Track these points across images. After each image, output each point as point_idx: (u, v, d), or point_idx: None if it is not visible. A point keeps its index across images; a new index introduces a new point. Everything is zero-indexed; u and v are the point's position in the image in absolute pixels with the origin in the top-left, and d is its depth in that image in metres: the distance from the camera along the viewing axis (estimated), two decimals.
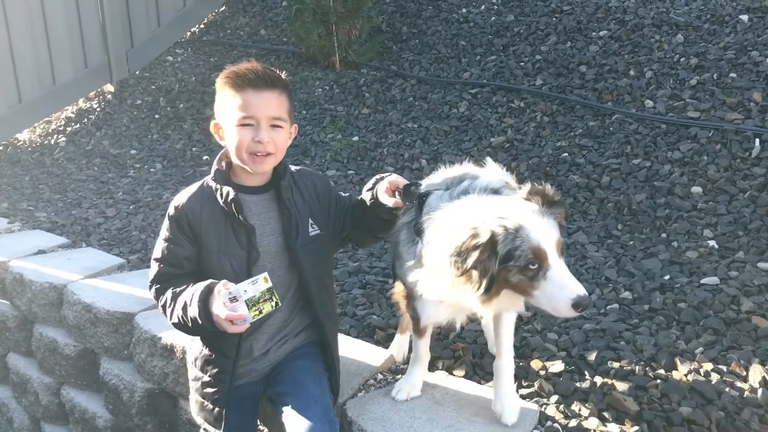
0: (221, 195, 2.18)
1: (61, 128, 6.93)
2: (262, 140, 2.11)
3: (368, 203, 2.26)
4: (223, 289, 2.01)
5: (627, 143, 4.51)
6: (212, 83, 7.33)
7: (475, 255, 1.81)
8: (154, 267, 2.25)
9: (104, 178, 5.69)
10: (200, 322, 2.03)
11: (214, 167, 2.26)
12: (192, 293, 2.07)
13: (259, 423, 2.63)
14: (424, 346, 2.41)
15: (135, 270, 3.81)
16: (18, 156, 6.43)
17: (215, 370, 2.25)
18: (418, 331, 2.37)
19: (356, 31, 6.81)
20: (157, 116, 6.80)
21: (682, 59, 5.09)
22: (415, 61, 6.42)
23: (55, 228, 4.58)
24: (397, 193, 2.17)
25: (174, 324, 2.18)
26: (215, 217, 2.20)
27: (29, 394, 3.72)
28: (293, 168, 2.39)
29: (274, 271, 2.21)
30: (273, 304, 2.05)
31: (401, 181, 2.20)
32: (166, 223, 2.24)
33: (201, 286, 2.06)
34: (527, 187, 1.95)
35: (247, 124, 2.12)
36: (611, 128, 4.74)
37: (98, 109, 7.11)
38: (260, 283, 2.03)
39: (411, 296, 2.24)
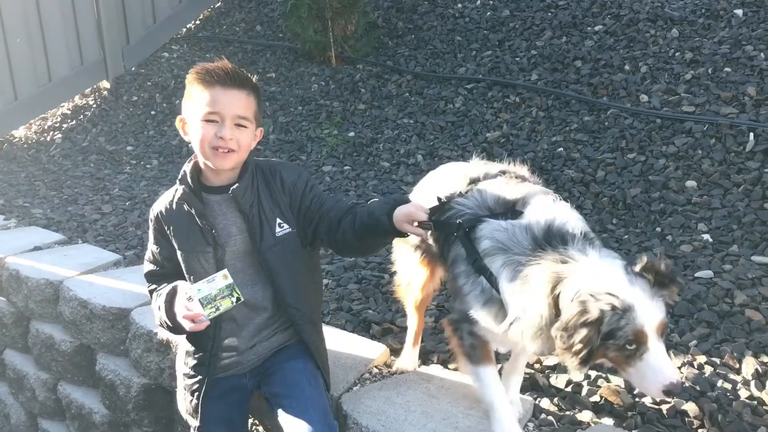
0: (174, 194, 2.25)
1: (57, 125, 6.92)
2: (224, 136, 2.10)
3: (373, 225, 2.13)
4: (180, 290, 2.15)
5: (622, 138, 4.53)
6: None
7: (582, 333, 1.76)
8: (145, 267, 2.40)
9: (100, 175, 5.69)
10: (169, 323, 2.20)
11: (182, 171, 2.26)
12: (162, 295, 2.23)
13: (252, 418, 2.65)
14: (491, 372, 2.19)
15: (131, 266, 3.81)
16: (14, 153, 6.42)
17: (194, 363, 2.32)
18: (480, 355, 2.18)
19: (352, 27, 6.80)
20: (153, 112, 6.79)
21: (677, 54, 5.10)
22: (410, 57, 6.42)
23: (51, 224, 4.58)
24: (419, 223, 2.09)
25: (159, 325, 2.31)
26: (182, 217, 2.24)
27: (26, 390, 3.73)
28: (265, 161, 2.35)
29: (245, 270, 2.25)
30: (233, 300, 2.09)
31: (421, 213, 2.09)
32: (150, 228, 2.36)
33: (167, 287, 2.23)
34: (643, 261, 1.86)
35: (211, 120, 2.12)
36: (606, 123, 4.75)
37: (94, 105, 7.09)
38: (218, 280, 2.08)
39: (469, 331, 2.15)
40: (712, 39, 5.14)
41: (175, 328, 2.21)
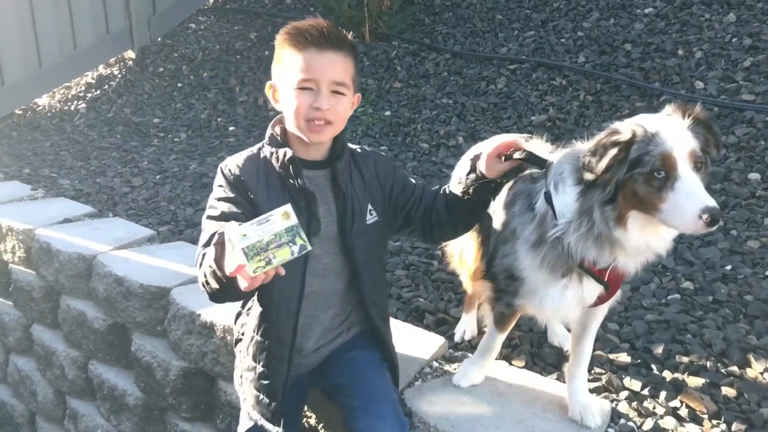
0: (278, 158, 1.95)
1: (81, 94, 6.76)
2: (321, 107, 1.88)
3: (460, 193, 2.02)
4: (226, 232, 1.57)
5: None
6: (236, 52, 7.16)
7: (612, 152, 1.63)
8: (207, 228, 1.88)
9: (127, 147, 5.52)
10: (215, 286, 1.71)
11: (269, 132, 2.03)
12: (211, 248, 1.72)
13: (306, 408, 2.49)
14: (501, 340, 2.25)
15: (166, 242, 3.65)
16: (37, 121, 6.27)
17: (270, 360, 2.01)
18: (502, 324, 2.18)
19: (388, 2, 6.58)
20: (180, 85, 6.61)
21: (734, 39, 4.86)
22: (449, 35, 6.20)
23: (80, 196, 4.42)
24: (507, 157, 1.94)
25: (202, 284, 1.79)
26: (271, 183, 1.95)
27: (54, 367, 3.59)
28: (354, 147, 2.16)
29: (321, 257, 1.99)
30: (295, 249, 1.52)
31: (515, 141, 1.94)
32: (219, 183, 1.98)
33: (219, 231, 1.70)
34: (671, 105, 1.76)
35: (306, 88, 1.89)
36: (659, 110, 4.51)
37: (119, 75, 6.93)
38: (274, 220, 1.51)
39: (505, 290, 2.05)
40: None
41: (226, 292, 1.71)
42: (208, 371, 2.82)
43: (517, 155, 1.91)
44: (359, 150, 2.15)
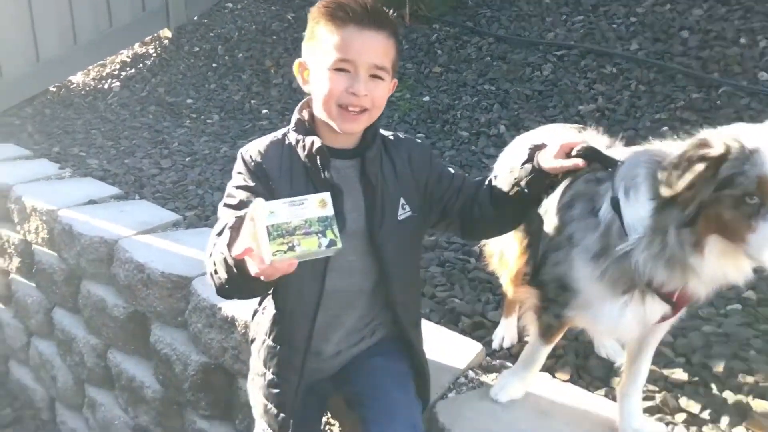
0: (304, 146, 1.75)
1: (116, 72, 6.67)
2: (357, 92, 1.67)
3: (509, 186, 1.79)
4: (250, 208, 1.37)
5: (738, 119, 3.98)
6: (273, 33, 6.97)
7: (698, 168, 1.41)
8: (223, 216, 1.71)
9: (159, 127, 5.40)
10: (223, 274, 1.50)
11: (295, 117, 1.82)
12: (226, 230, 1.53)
13: (326, 416, 2.31)
14: (546, 352, 2.03)
15: (192, 228, 3.50)
16: (71, 99, 6.19)
17: (280, 366, 1.84)
18: (549, 336, 1.96)
19: None
20: (214, 65, 6.46)
21: None
22: (493, 18, 5.92)
23: (108, 177, 4.31)
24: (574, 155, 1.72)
25: (210, 274, 1.59)
26: (296, 173, 1.76)
27: (74, 353, 3.48)
28: (387, 134, 1.93)
29: (346, 255, 1.75)
30: (324, 243, 1.31)
31: (577, 141, 1.74)
32: (239, 170, 1.81)
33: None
34: None
35: (342, 70, 1.68)
36: (718, 102, 4.23)
37: (154, 54, 6.81)
38: (309, 205, 1.33)
39: (555, 299, 1.85)
40: None
41: (234, 284, 1.50)
42: (229, 368, 2.67)
43: (575, 151, 1.69)
44: (392, 137, 1.93)
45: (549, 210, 1.85)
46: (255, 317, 1.97)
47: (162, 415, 3.04)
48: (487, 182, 1.89)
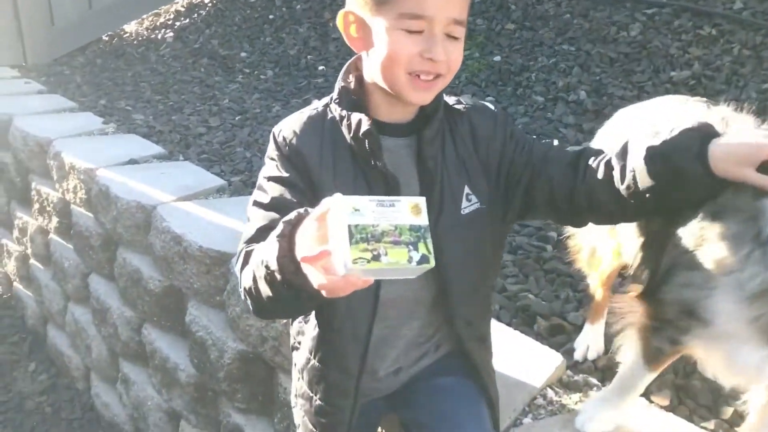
0: (350, 126, 1.36)
1: (170, 22, 6.40)
2: (436, 57, 1.26)
3: (663, 174, 1.30)
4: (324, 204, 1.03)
5: None
6: None
7: None
8: (254, 218, 1.37)
9: (210, 82, 5.10)
10: (262, 284, 1.15)
11: (339, 84, 1.40)
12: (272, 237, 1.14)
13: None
14: (649, 380, 1.64)
15: (236, 196, 3.19)
16: (123, 49, 5.96)
17: (330, 393, 1.51)
18: (656, 362, 1.56)
19: None
20: (271, 17, 6.11)
21: None
22: None
23: (152, 134, 4.04)
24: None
25: (245, 290, 1.25)
26: (339, 159, 1.38)
27: (108, 325, 3.26)
28: (451, 101, 1.48)
29: None
30: (414, 256, 1.00)
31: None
32: (271, 155, 1.41)
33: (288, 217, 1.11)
34: None
35: (414, 30, 1.27)
36: None
37: (209, 4, 6.51)
38: (401, 207, 1.03)
39: (674, 323, 1.45)
40: None
41: (279, 302, 1.16)
42: (268, 360, 2.37)
43: None
44: (456, 105, 1.48)
45: (685, 213, 1.41)
46: (294, 323, 1.63)
47: (196, 401, 2.78)
48: (601, 160, 1.40)
